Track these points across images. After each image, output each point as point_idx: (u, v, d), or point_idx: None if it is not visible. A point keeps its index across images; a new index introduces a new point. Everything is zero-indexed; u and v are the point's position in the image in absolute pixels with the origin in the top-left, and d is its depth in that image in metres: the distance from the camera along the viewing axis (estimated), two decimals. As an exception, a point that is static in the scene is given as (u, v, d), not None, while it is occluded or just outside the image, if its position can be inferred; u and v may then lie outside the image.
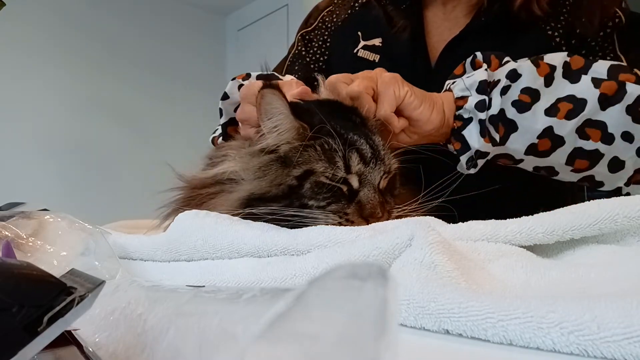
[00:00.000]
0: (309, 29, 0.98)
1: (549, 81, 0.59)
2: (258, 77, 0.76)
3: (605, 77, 0.58)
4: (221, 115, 0.80)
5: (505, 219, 0.42)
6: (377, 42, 0.87)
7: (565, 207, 0.42)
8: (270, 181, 0.52)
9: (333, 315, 0.13)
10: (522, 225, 0.40)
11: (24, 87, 3.02)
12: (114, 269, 0.43)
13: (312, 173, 0.51)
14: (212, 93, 3.83)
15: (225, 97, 0.77)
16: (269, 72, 0.77)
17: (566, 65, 0.60)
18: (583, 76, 0.59)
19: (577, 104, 0.58)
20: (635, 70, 0.61)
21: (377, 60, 0.86)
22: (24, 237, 0.44)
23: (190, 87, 3.78)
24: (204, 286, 0.22)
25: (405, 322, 0.30)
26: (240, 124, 0.66)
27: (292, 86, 0.64)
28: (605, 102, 0.58)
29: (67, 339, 0.23)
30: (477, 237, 0.41)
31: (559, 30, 0.76)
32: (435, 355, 0.27)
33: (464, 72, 0.65)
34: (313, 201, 0.51)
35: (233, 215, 0.52)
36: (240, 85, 0.74)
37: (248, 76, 0.76)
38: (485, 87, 0.60)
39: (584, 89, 0.58)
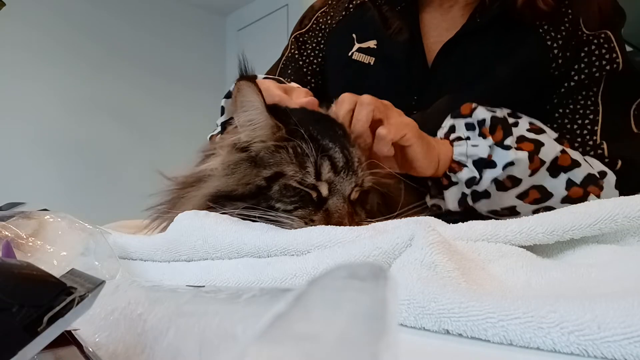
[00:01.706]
0: (303, 30, 0.97)
1: (533, 173, 0.64)
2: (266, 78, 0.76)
3: (578, 183, 0.65)
4: (222, 113, 0.80)
5: None
6: (371, 44, 0.86)
7: (565, 207, 0.42)
8: (238, 179, 0.52)
9: (333, 315, 0.13)
10: (522, 225, 0.40)
11: (24, 87, 3.02)
12: (114, 269, 0.43)
13: (282, 175, 0.51)
14: (212, 93, 3.86)
15: (229, 95, 0.77)
16: (271, 76, 0.78)
17: (554, 161, 0.64)
18: (562, 174, 0.65)
19: (544, 195, 0.65)
20: (602, 183, 0.67)
21: (372, 63, 0.85)
22: (24, 237, 0.44)
23: (190, 87, 3.78)
24: (204, 286, 0.22)
25: (406, 322, 0.30)
26: None
27: (301, 94, 0.64)
28: (565, 200, 0.65)
29: (67, 339, 0.23)
30: (477, 237, 0.41)
31: (558, 41, 0.75)
32: (435, 355, 0.27)
33: (470, 113, 0.66)
34: (280, 204, 0.50)
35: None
36: None
37: (254, 77, 0.76)
38: (481, 165, 0.64)
39: (557, 185, 0.65)
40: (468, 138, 0.65)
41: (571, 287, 0.32)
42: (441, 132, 0.69)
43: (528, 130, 0.65)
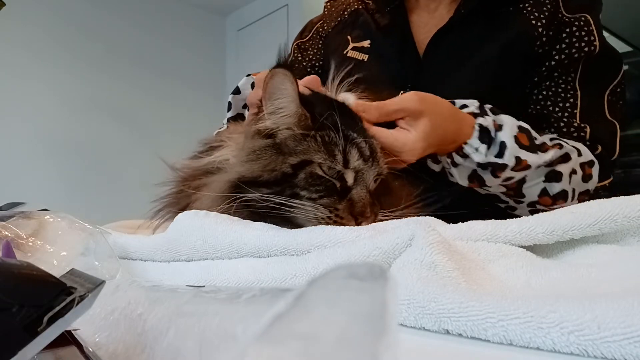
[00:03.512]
0: (304, 39, 1.03)
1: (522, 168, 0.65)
2: None
3: (551, 195, 0.68)
4: (229, 109, 0.80)
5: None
6: (365, 43, 0.90)
7: (565, 207, 0.42)
8: (263, 166, 0.52)
9: (333, 315, 0.13)
10: (522, 225, 0.40)
11: (24, 87, 3.01)
12: (114, 269, 0.43)
13: (309, 163, 0.51)
14: (212, 93, 3.86)
15: (237, 91, 0.77)
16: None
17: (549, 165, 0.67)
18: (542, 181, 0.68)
19: (518, 189, 0.68)
20: (590, 171, 0.70)
21: (365, 60, 0.89)
22: (24, 237, 0.44)
23: (190, 87, 3.77)
24: (204, 286, 0.22)
25: (405, 322, 0.30)
26: (249, 108, 0.67)
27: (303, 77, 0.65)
28: (531, 205, 0.70)
29: (67, 339, 0.23)
30: (477, 237, 0.41)
31: (542, 20, 0.78)
32: (435, 355, 0.27)
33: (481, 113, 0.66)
34: (305, 192, 0.50)
35: (220, 197, 0.52)
36: (254, 83, 0.76)
37: (291, 66, 0.77)
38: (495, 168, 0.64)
39: (533, 190, 0.68)
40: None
41: (571, 287, 0.32)
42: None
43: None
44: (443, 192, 0.65)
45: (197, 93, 3.79)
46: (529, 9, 0.79)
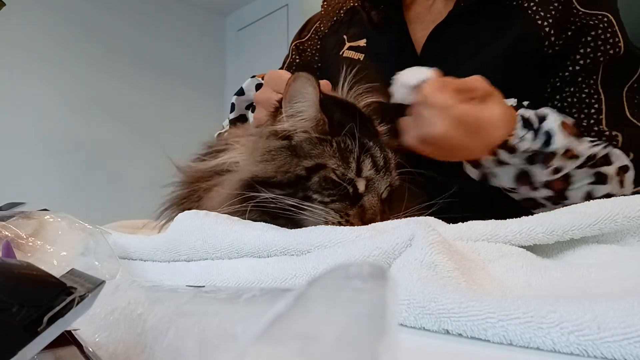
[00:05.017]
0: (303, 40, 1.01)
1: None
2: None
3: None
4: (232, 110, 0.80)
5: None
6: (361, 42, 0.89)
7: (565, 207, 0.42)
8: (277, 167, 0.52)
9: (333, 315, 0.13)
10: (522, 225, 0.40)
11: (24, 87, 3.01)
12: (114, 269, 0.43)
13: (324, 167, 0.51)
14: (212, 93, 3.86)
15: (240, 92, 0.77)
16: None
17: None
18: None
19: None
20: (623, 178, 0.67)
21: (361, 59, 0.88)
22: (24, 237, 0.44)
23: (190, 87, 3.77)
24: (204, 286, 0.22)
25: (405, 322, 0.30)
26: (256, 106, 0.67)
27: None
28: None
29: (67, 339, 0.23)
30: (477, 237, 0.41)
31: (548, 19, 0.75)
32: (435, 355, 0.27)
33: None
34: (317, 195, 0.51)
35: (232, 196, 0.52)
36: (259, 85, 0.76)
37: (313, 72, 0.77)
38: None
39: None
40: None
41: (571, 287, 0.32)
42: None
43: None
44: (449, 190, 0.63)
45: (197, 93, 3.79)
46: (534, 8, 0.76)
